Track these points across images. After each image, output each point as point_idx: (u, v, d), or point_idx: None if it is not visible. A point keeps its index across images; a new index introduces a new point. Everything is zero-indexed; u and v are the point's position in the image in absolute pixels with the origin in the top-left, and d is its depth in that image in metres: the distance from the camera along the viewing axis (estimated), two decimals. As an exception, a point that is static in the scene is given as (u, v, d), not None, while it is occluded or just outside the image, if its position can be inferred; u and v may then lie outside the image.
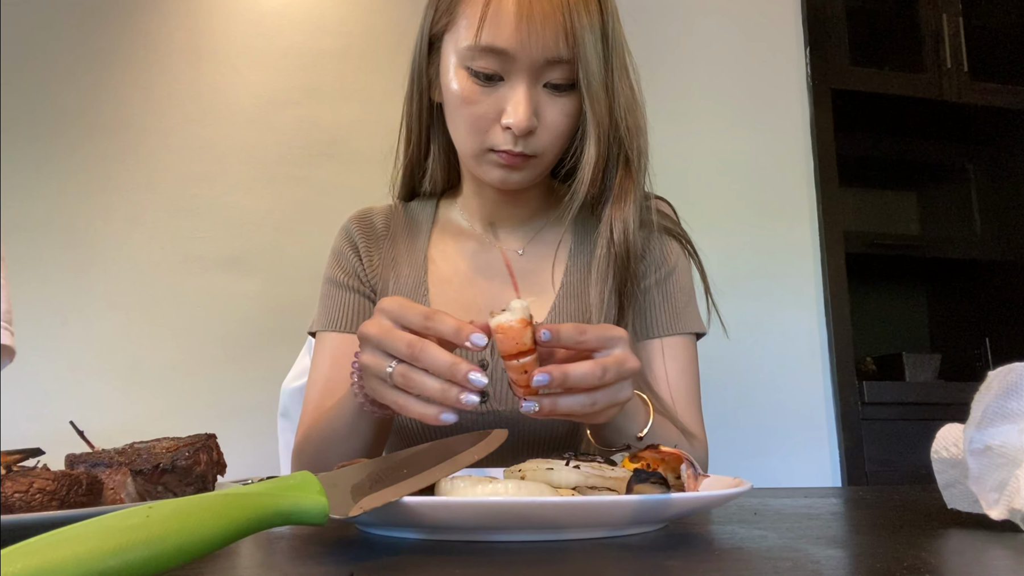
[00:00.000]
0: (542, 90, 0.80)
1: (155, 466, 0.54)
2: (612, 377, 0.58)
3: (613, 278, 0.87)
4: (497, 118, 0.80)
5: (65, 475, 0.48)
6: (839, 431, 2.01)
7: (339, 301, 0.93)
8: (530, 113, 0.79)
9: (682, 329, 0.90)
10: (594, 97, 0.80)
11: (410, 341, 0.57)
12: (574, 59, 0.78)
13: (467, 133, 0.83)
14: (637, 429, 0.72)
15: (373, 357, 0.60)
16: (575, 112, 0.82)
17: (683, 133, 2.10)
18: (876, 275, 2.53)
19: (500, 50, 0.77)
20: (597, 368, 0.57)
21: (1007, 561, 0.40)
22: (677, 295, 0.92)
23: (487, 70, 0.79)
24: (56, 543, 0.29)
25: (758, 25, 2.20)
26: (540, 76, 0.79)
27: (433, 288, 0.92)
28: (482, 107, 0.80)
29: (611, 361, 0.58)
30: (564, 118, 0.82)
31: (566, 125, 0.82)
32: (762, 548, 0.43)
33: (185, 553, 0.33)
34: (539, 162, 0.84)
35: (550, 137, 0.82)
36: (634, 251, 0.87)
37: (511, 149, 0.80)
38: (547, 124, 0.81)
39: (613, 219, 0.87)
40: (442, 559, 0.41)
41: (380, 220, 0.98)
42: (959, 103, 2.26)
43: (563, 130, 0.82)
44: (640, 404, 0.74)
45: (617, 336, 0.59)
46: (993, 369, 0.49)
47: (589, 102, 0.80)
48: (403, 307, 0.59)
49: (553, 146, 0.83)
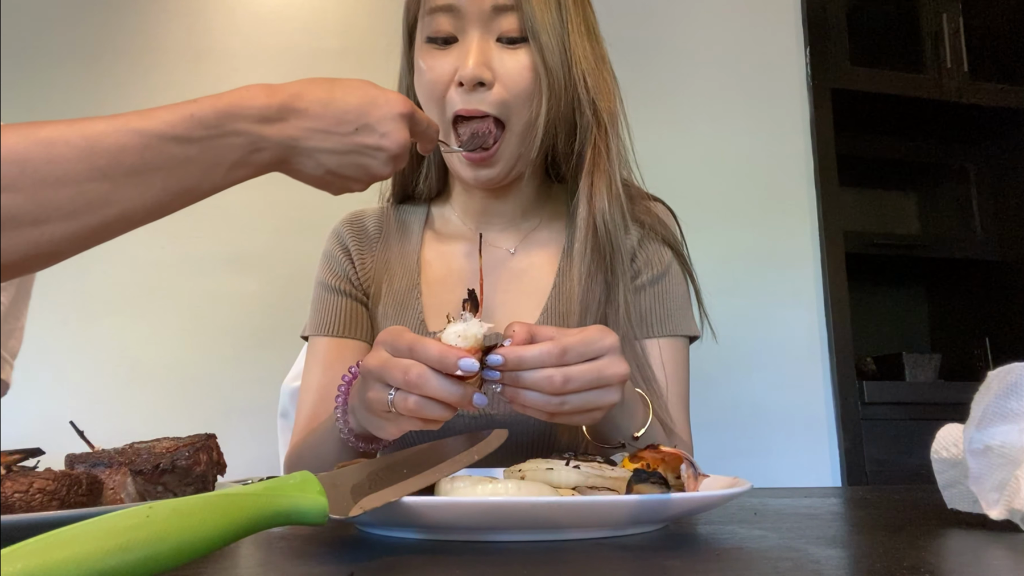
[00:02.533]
0: (496, 44, 0.81)
1: (155, 466, 0.54)
2: (581, 385, 0.56)
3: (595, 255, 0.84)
4: (452, 77, 0.81)
5: (65, 475, 0.48)
6: (839, 431, 2.01)
7: (331, 305, 0.92)
8: (479, 60, 0.79)
9: (674, 331, 0.89)
10: (544, 47, 0.80)
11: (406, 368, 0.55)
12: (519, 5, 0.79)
13: (429, 102, 0.83)
14: (634, 428, 0.72)
15: (376, 391, 0.58)
16: (530, 66, 0.81)
17: (683, 133, 2.10)
18: (876, 275, 2.53)
19: (447, 5, 0.80)
20: (558, 376, 0.55)
21: (1007, 561, 0.40)
22: (670, 297, 0.90)
23: (441, 32, 0.82)
24: (56, 543, 0.29)
25: (758, 25, 2.20)
26: (490, 28, 0.81)
27: (426, 289, 0.91)
28: (438, 70, 0.81)
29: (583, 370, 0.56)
30: (522, 70, 0.81)
31: (523, 78, 0.81)
32: (762, 548, 0.43)
33: (185, 553, 0.33)
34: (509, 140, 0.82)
35: (510, 92, 0.81)
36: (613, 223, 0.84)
37: (467, 108, 0.80)
38: (503, 78, 0.80)
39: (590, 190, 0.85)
40: (442, 559, 0.41)
41: (372, 223, 0.97)
42: (959, 103, 2.26)
43: (520, 84, 0.81)
44: (639, 403, 0.73)
45: (604, 345, 0.58)
46: (993, 369, 0.49)
47: (539, 52, 0.80)
48: (395, 337, 0.57)
49: (516, 106, 0.81)
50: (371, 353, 0.59)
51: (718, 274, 0.85)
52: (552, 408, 0.57)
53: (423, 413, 0.56)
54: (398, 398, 0.56)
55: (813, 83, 2.17)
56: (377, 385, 0.58)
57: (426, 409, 0.55)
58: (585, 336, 0.58)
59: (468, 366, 0.53)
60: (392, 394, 0.56)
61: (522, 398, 0.56)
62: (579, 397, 0.57)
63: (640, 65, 2.09)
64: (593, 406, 0.58)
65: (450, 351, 0.54)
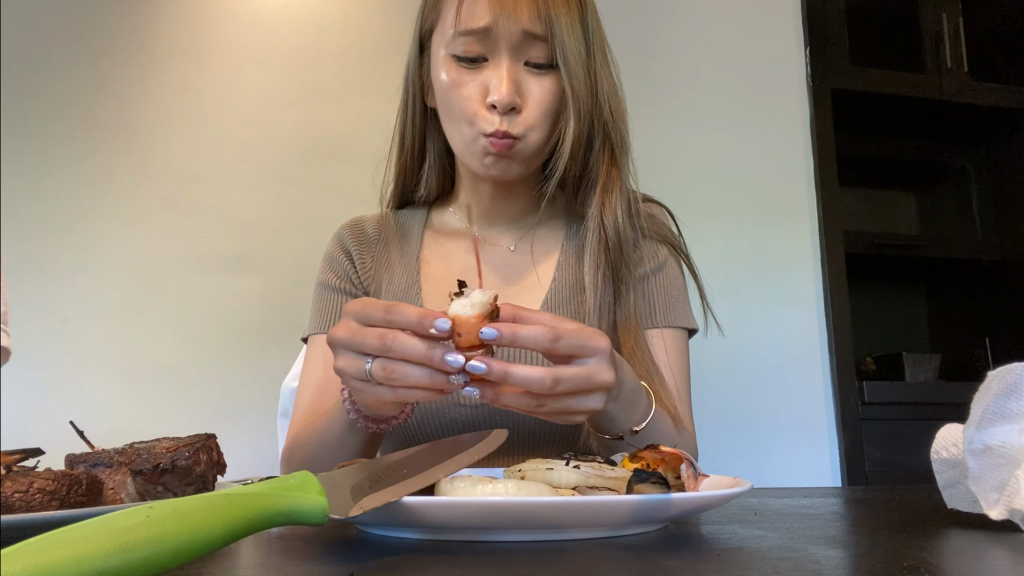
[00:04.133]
0: (524, 68, 0.83)
1: (155, 466, 0.53)
2: (568, 388, 0.55)
3: (607, 264, 0.87)
4: (483, 99, 0.83)
5: (65, 475, 0.48)
6: (839, 431, 2.01)
7: (332, 304, 0.94)
8: (512, 88, 0.81)
9: (673, 322, 0.91)
10: (573, 74, 0.83)
11: (380, 333, 0.55)
12: (550, 36, 0.82)
13: (457, 119, 0.85)
14: (634, 422, 0.71)
15: (348, 360, 0.58)
16: (557, 91, 0.84)
17: (683, 133, 2.10)
18: (876, 275, 2.53)
19: (479, 29, 0.81)
20: (548, 378, 0.54)
21: (1007, 561, 0.40)
22: (668, 289, 0.93)
23: (470, 53, 0.83)
24: (56, 543, 0.29)
25: (758, 25, 2.20)
26: (520, 54, 0.83)
27: (426, 287, 0.93)
28: (468, 89, 0.83)
29: (572, 373, 0.56)
30: (547, 95, 0.83)
31: (549, 103, 0.84)
32: (762, 548, 0.43)
33: (185, 553, 0.33)
34: (527, 146, 0.84)
35: (534, 116, 0.83)
36: (625, 236, 0.88)
37: (498, 129, 0.82)
38: (530, 101, 0.83)
39: (603, 206, 0.88)
40: (442, 559, 0.41)
41: (371, 227, 1.00)
42: (959, 103, 2.26)
43: (547, 108, 0.84)
44: (643, 396, 0.73)
45: (596, 347, 0.57)
46: (993, 369, 0.49)
47: (568, 79, 0.83)
48: (366, 305, 0.57)
49: (539, 126, 0.84)
50: (338, 324, 0.59)
51: (718, 274, 0.85)
52: (530, 409, 0.56)
53: (403, 379, 0.55)
54: (376, 365, 0.56)
55: (813, 83, 2.17)
56: (347, 354, 0.58)
57: (407, 374, 0.55)
58: (581, 331, 0.57)
59: (442, 325, 0.53)
60: (369, 363, 0.56)
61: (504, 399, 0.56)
62: (559, 402, 0.57)
63: (640, 65, 2.09)
64: (574, 410, 0.58)
65: (428, 312, 0.54)
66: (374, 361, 0.56)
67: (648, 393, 0.74)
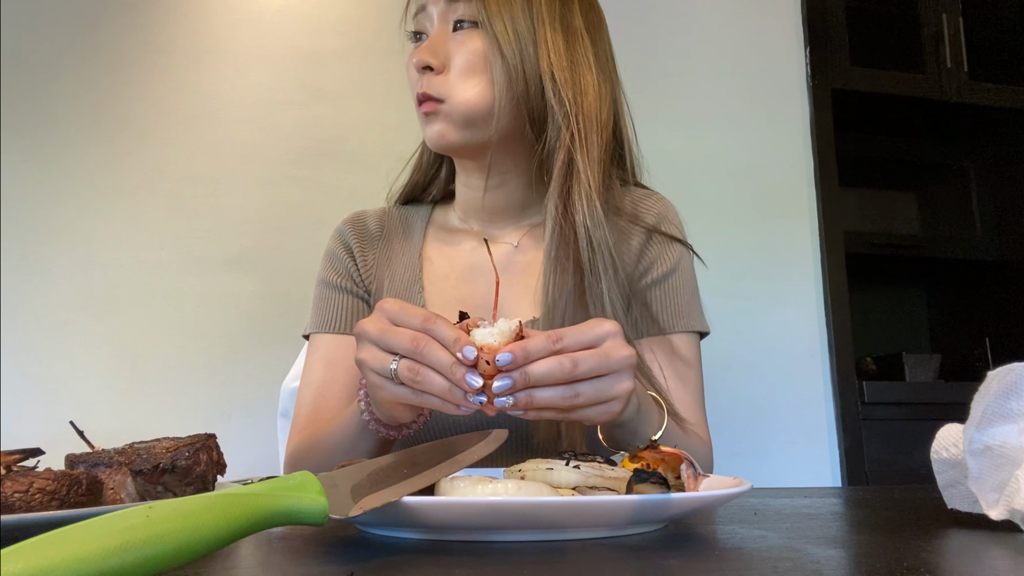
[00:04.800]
0: (452, 34, 0.86)
1: (155, 466, 0.53)
2: (590, 369, 0.55)
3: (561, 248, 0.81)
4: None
5: (65, 475, 0.48)
6: (839, 431, 2.01)
7: (333, 302, 0.93)
8: (426, 49, 0.84)
9: (685, 327, 0.89)
10: (499, 34, 0.83)
11: (414, 336, 0.56)
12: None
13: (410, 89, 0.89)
14: (651, 431, 0.71)
15: (373, 352, 0.59)
16: (478, 51, 0.84)
17: (683, 133, 2.10)
18: (876, 275, 2.53)
19: (419, 8, 0.88)
20: (567, 360, 0.55)
21: (1007, 561, 0.40)
22: (680, 293, 0.91)
23: (415, 30, 0.90)
24: (56, 543, 0.29)
25: (758, 25, 2.20)
26: (448, 19, 0.86)
27: (428, 285, 0.92)
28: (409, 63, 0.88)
29: (589, 353, 0.56)
30: (466, 53, 0.85)
31: (468, 61, 0.84)
32: (762, 548, 0.43)
33: (185, 553, 0.33)
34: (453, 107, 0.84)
35: (453, 74, 0.85)
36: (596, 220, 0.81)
37: (418, 92, 0.85)
38: (451, 62, 0.85)
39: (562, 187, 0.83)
40: (442, 559, 0.41)
41: (373, 222, 0.99)
42: (959, 103, 2.26)
43: (465, 65, 0.84)
44: (653, 406, 0.73)
45: (601, 331, 0.57)
46: (993, 369, 0.49)
47: (490, 37, 0.83)
48: (403, 309, 0.59)
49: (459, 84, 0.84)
50: (371, 317, 0.60)
51: (718, 274, 0.85)
52: (567, 401, 0.55)
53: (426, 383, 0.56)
54: (403, 365, 0.57)
55: (813, 83, 2.17)
56: (373, 348, 0.59)
57: (431, 379, 0.56)
58: (579, 326, 0.58)
59: (468, 353, 0.54)
60: (396, 361, 0.57)
61: (536, 398, 0.55)
62: (590, 386, 0.56)
63: (640, 65, 2.09)
64: (608, 395, 0.57)
65: (463, 335, 0.55)
66: (401, 360, 0.57)
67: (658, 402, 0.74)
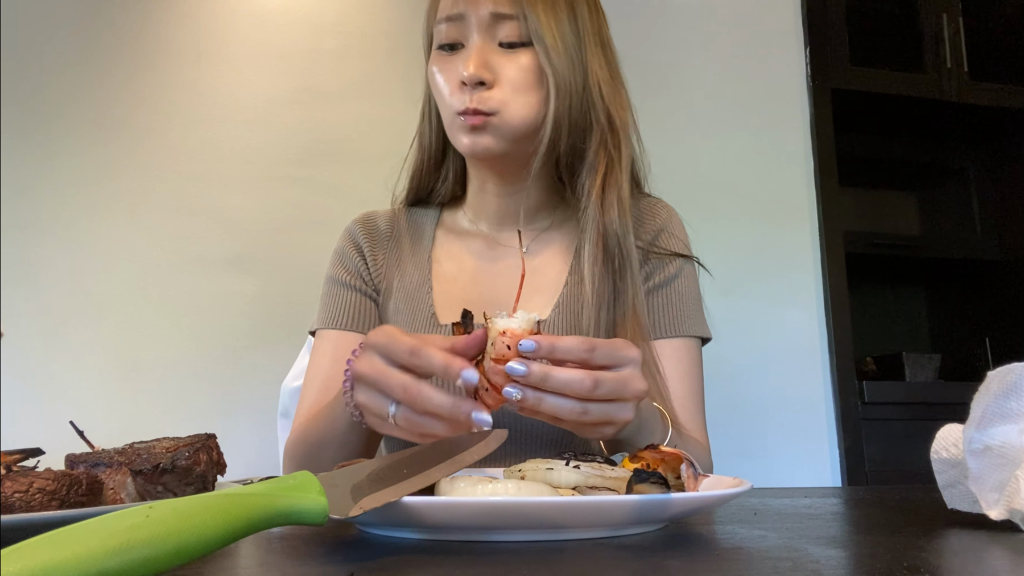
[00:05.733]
0: (498, 49, 0.85)
1: (155, 466, 0.53)
2: (606, 393, 0.55)
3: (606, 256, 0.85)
4: (457, 80, 0.85)
5: (65, 475, 0.48)
6: (839, 431, 2.01)
7: (341, 299, 0.93)
8: (479, 63, 0.83)
9: (687, 332, 0.90)
10: (550, 50, 0.84)
11: (405, 385, 0.55)
12: (521, 15, 0.83)
13: (441, 105, 0.88)
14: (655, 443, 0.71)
15: (371, 398, 0.58)
16: (531, 67, 0.84)
17: (683, 133, 2.10)
18: (876, 275, 2.53)
19: (453, 15, 0.85)
20: (588, 379, 0.54)
21: (1007, 561, 0.40)
22: (683, 298, 0.92)
23: (448, 40, 0.87)
24: (56, 543, 0.29)
25: (758, 25, 2.20)
26: (491, 35, 0.85)
27: (437, 286, 0.93)
28: (446, 73, 0.86)
29: (610, 377, 0.56)
30: (519, 71, 0.84)
31: (522, 79, 0.84)
32: (762, 548, 0.43)
33: (185, 553, 0.32)
34: (503, 122, 0.84)
35: (506, 91, 0.84)
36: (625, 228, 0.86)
37: (468, 107, 0.83)
38: (502, 78, 0.84)
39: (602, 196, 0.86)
40: (442, 559, 0.41)
41: (384, 223, 0.99)
42: (959, 103, 2.26)
43: (519, 83, 0.84)
44: (658, 418, 0.74)
45: (629, 356, 0.57)
46: (993, 369, 0.49)
47: (544, 55, 0.84)
48: (390, 341, 0.56)
49: (512, 101, 0.84)
50: (362, 358, 0.58)
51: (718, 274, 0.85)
52: (575, 416, 0.56)
53: (424, 430, 0.55)
54: (400, 415, 0.56)
55: (813, 83, 2.17)
56: (370, 392, 0.58)
57: (428, 426, 0.55)
58: (614, 342, 0.57)
59: (470, 377, 0.53)
60: (393, 408, 0.56)
61: (547, 404, 0.55)
62: (599, 408, 0.56)
63: (640, 65, 2.09)
64: (610, 419, 0.57)
65: (453, 360, 0.54)
66: (398, 408, 0.56)
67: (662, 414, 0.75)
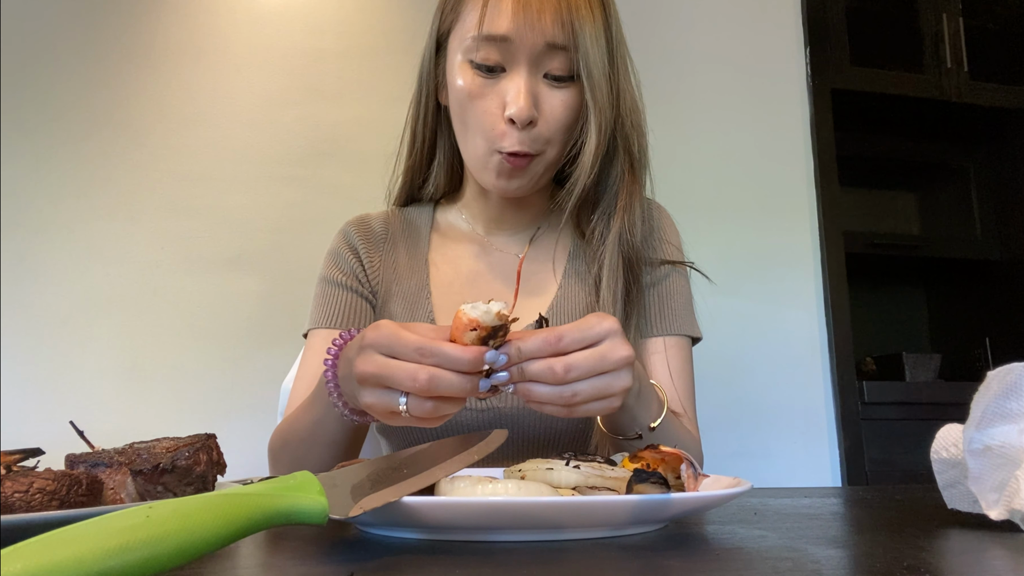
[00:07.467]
0: (542, 81, 0.80)
1: (155, 466, 0.53)
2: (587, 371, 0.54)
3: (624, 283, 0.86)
4: (500, 112, 0.80)
5: (65, 475, 0.48)
6: (839, 431, 2.01)
7: (335, 299, 0.93)
8: (531, 102, 0.78)
9: (677, 330, 0.91)
10: (595, 86, 0.80)
11: (413, 375, 0.53)
12: (573, 47, 0.79)
13: (473, 131, 0.82)
14: (650, 419, 0.72)
15: (379, 396, 0.56)
16: (576, 105, 0.81)
17: (683, 133, 2.10)
18: (876, 275, 2.53)
19: (500, 37, 0.78)
20: (557, 365, 0.53)
21: (1007, 561, 0.40)
22: (673, 297, 0.92)
23: (489, 61, 0.80)
24: (56, 543, 0.29)
25: (758, 25, 2.20)
26: (540, 65, 0.80)
27: (435, 291, 0.92)
28: (485, 101, 0.80)
29: (584, 356, 0.54)
30: (565, 110, 0.81)
31: (567, 117, 0.81)
32: (762, 548, 0.43)
33: (185, 553, 0.33)
34: (541, 161, 0.83)
35: (551, 130, 0.81)
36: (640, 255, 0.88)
37: (517, 150, 0.80)
38: (547, 116, 0.80)
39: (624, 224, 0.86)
40: (442, 559, 0.41)
41: (378, 225, 0.98)
42: (959, 103, 2.26)
43: (564, 122, 0.81)
44: (654, 393, 0.74)
45: (601, 329, 0.56)
46: (993, 369, 0.49)
47: (590, 91, 0.80)
48: (393, 337, 0.54)
49: (555, 141, 0.82)
50: (361, 358, 0.56)
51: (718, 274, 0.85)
52: (564, 400, 0.55)
53: (440, 413, 0.55)
54: (413, 404, 0.54)
55: (813, 83, 2.17)
56: (376, 391, 0.56)
57: (443, 408, 0.55)
58: (579, 323, 0.56)
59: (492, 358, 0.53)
60: (404, 400, 0.54)
61: (533, 393, 0.55)
62: (588, 384, 0.55)
63: (640, 65, 2.09)
64: (606, 392, 0.56)
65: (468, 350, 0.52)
66: (410, 399, 0.54)
67: (658, 390, 0.75)
